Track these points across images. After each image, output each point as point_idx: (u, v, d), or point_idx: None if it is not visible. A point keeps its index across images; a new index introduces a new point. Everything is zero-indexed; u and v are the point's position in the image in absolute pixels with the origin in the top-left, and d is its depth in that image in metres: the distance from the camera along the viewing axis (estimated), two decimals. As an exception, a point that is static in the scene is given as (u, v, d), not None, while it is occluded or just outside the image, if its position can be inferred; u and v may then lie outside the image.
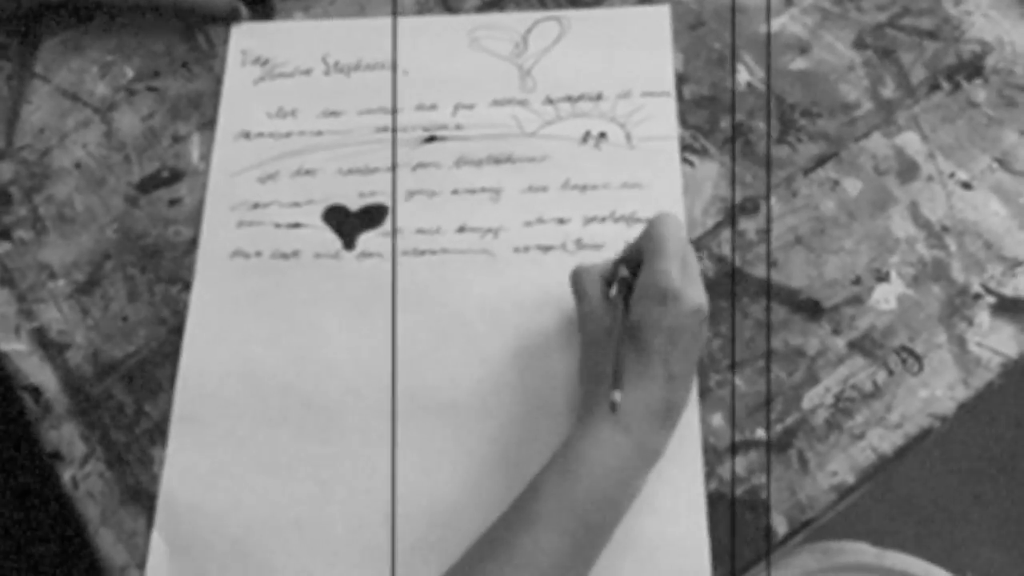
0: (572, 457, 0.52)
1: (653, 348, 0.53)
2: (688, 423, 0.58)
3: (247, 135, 0.70)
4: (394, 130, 0.69)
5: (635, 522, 0.56)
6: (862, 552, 0.88)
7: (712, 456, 0.57)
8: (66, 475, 0.60)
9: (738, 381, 0.59)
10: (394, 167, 0.67)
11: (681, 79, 0.69)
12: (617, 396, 0.51)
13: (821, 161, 0.65)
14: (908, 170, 0.65)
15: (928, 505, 1.25)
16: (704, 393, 0.59)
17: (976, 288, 0.61)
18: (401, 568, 0.56)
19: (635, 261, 0.56)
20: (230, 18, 0.74)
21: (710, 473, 0.57)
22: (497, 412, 0.59)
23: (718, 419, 0.58)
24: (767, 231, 0.63)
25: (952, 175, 0.64)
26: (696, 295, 0.54)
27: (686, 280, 0.54)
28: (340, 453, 0.59)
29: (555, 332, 0.61)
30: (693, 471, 0.57)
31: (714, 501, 0.56)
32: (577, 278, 0.58)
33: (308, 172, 0.68)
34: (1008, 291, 0.61)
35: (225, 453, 0.59)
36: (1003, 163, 0.65)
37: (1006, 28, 0.69)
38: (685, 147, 0.67)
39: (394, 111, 0.69)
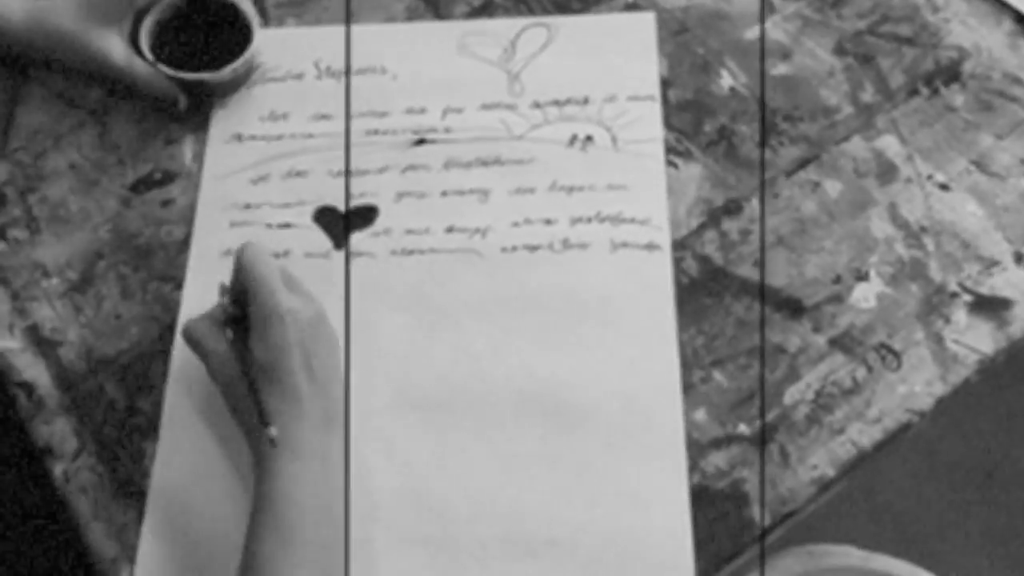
0: (271, 503, 0.52)
1: (292, 369, 0.54)
2: (672, 418, 0.59)
3: (239, 138, 0.71)
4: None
5: (619, 515, 0.57)
6: (848, 555, 0.88)
7: (695, 450, 0.58)
8: (57, 469, 0.60)
9: (720, 377, 0.60)
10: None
11: (666, 84, 0.70)
12: (273, 431, 0.52)
13: (802, 164, 0.67)
14: (887, 172, 0.66)
15: (913, 510, 1.26)
16: (687, 389, 0.60)
17: (953, 287, 0.62)
18: (389, 562, 0.57)
19: (239, 294, 0.57)
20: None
21: (693, 467, 0.58)
22: (484, 410, 0.60)
23: (701, 414, 0.59)
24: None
25: (930, 177, 0.66)
26: (307, 304, 0.56)
27: (292, 295, 0.56)
28: (329, 447, 0.60)
29: (541, 330, 0.62)
30: (676, 465, 0.58)
31: (697, 494, 0.57)
32: (191, 334, 0.58)
33: (299, 174, 0.69)
34: (984, 290, 0.62)
35: (215, 448, 0.60)
36: (980, 165, 0.66)
37: (983, 35, 0.71)
38: (669, 150, 0.68)
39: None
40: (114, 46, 0.69)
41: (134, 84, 0.70)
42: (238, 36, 0.70)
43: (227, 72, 0.69)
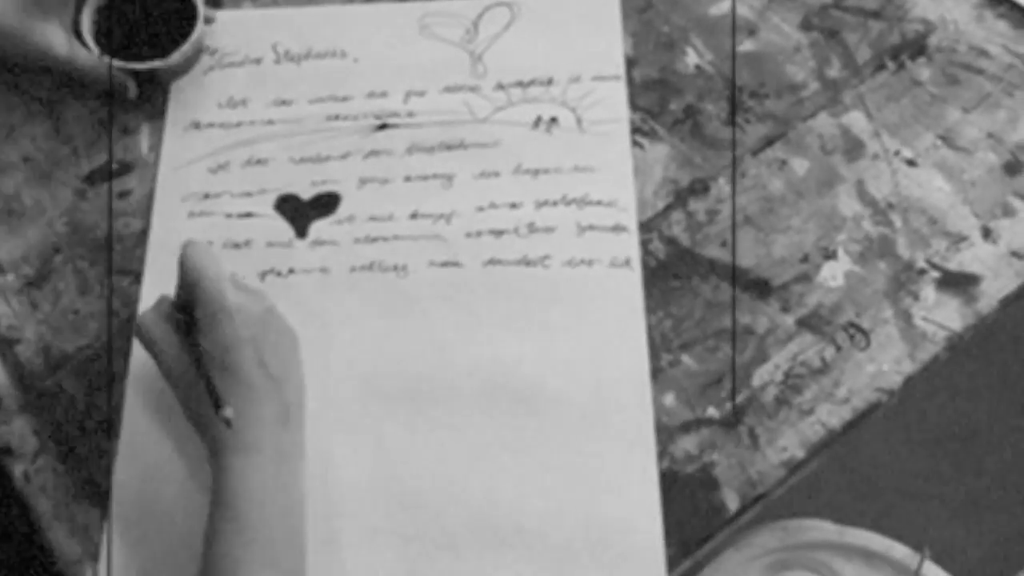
0: (230, 501, 0.51)
1: (244, 365, 0.53)
2: (640, 403, 0.58)
3: (197, 125, 0.69)
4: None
5: (589, 501, 0.56)
6: (823, 529, 0.89)
7: (664, 435, 0.58)
8: (17, 470, 0.59)
9: (689, 360, 0.60)
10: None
11: (631, 62, 0.69)
12: (229, 412, 0.52)
13: (769, 141, 0.66)
14: (854, 149, 0.66)
15: (888, 481, 1.27)
16: (656, 373, 0.59)
17: (921, 263, 0.62)
18: (357, 556, 0.56)
19: (187, 292, 0.56)
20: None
21: (662, 452, 0.57)
22: (451, 398, 0.60)
23: (670, 399, 0.59)
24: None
25: (897, 153, 0.65)
26: (255, 300, 0.56)
27: (239, 292, 0.55)
28: (294, 441, 0.59)
29: (508, 316, 0.62)
30: (646, 450, 0.57)
31: (666, 479, 0.57)
32: (143, 330, 0.56)
33: (260, 161, 0.68)
34: (952, 266, 0.62)
35: (177, 445, 0.59)
36: (946, 140, 0.66)
37: (948, 7, 0.70)
38: (635, 130, 0.67)
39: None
40: (55, 38, 0.67)
41: (79, 77, 0.68)
42: (183, 15, 0.69)
43: (176, 57, 0.67)
